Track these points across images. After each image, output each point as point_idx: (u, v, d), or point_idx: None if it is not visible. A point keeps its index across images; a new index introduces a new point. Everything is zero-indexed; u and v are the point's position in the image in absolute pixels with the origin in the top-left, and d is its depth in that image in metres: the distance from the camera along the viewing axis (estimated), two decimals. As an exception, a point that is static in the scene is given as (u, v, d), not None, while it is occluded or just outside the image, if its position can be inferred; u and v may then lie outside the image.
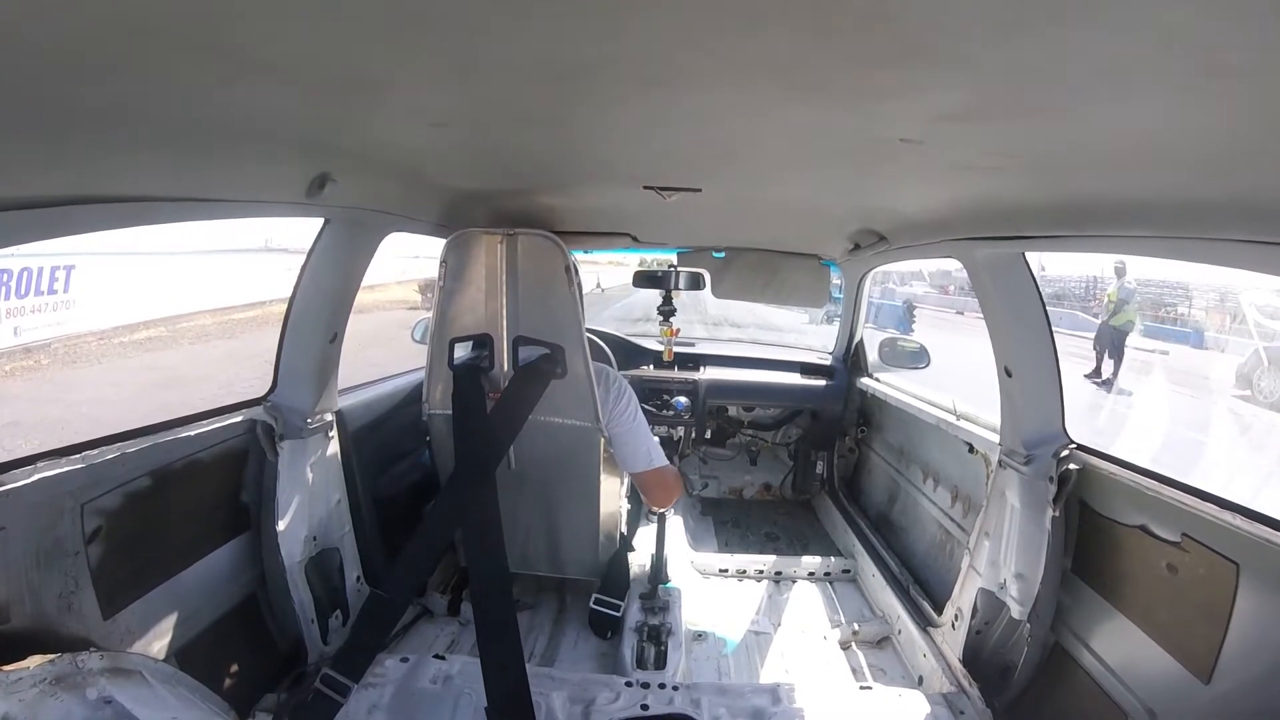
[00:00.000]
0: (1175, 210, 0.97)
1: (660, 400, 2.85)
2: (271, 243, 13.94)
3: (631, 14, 0.52)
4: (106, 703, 0.95)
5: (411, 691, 1.46)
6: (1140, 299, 12.26)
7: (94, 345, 8.48)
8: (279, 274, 12.60)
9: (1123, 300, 9.42)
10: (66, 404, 5.95)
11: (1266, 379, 8.49)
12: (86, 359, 8.00)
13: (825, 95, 0.70)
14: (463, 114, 0.88)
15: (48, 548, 1.06)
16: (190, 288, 10.48)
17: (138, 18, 0.51)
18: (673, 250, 2.87)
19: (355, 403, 1.88)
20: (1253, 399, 8.47)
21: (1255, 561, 1.05)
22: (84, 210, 0.88)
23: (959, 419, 2.02)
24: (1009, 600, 1.51)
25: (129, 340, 8.92)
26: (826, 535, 2.82)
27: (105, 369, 7.65)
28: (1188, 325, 13.82)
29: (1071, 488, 1.44)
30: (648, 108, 0.81)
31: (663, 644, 1.77)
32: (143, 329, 9.33)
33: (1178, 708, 1.16)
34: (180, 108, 0.78)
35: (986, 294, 1.56)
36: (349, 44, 0.60)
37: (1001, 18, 0.48)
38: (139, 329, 9.28)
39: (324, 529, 1.65)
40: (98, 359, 8.08)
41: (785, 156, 1.08)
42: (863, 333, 3.00)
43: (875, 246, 2.13)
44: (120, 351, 8.48)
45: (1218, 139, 0.69)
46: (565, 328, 1.54)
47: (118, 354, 8.38)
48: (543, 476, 1.74)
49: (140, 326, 9.32)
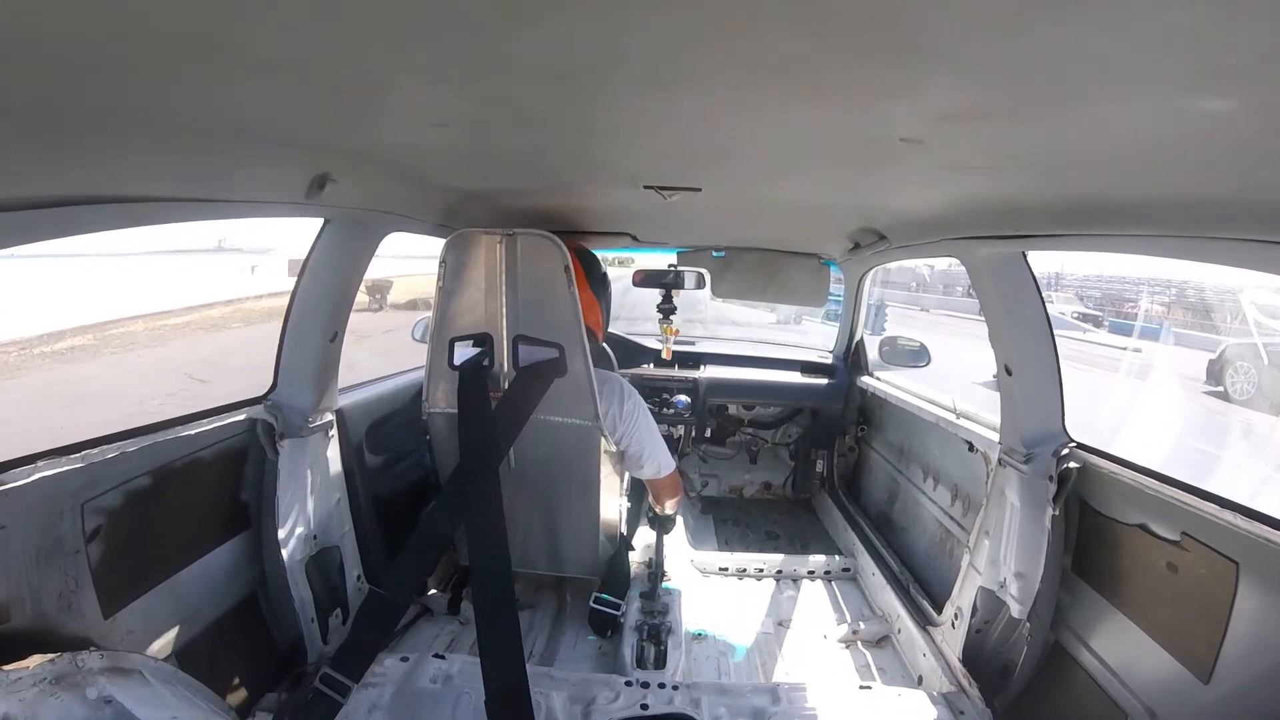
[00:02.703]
0: (1176, 209, 0.97)
1: (660, 399, 2.86)
2: (225, 243, 13.75)
3: (631, 14, 0.52)
4: (106, 702, 0.95)
5: (411, 691, 1.46)
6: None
7: (13, 357, 7.83)
8: (230, 275, 12.08)
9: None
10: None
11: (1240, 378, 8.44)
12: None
13: (825, 95, 0.70)
14: (463, 114, 0.88)
15: (48, 547, 1.06)
16: (130, 291, 10.05)
17: (139, 18, 0.51)
18: (673, 250, 2.87)
19: (355, 402, 1.89)
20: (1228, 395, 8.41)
21: (1255, 561, 1.05)
22: (85, 211, 0.88)
23: (959, 418, 2.02)
24: (1009, 599, 1.51)
25: (50, 351, 8.29)
26: (826, 534, 2.82)
27: (13, 384, 6.99)
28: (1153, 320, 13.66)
29: (1071, 486, 1.44)
30: (648, 108, 0.81)
31: (662, 643, 1.77)
32: (69, 337, 8.75)
33: (1177, 707, 1.16)
34: (181, 108, 0.78)
35: (987, 293, 1.56)
36: (349, 44, 0.60)
37: (1002, 18, 0.48)
38: (65, 337, 8.69)
39: (324, 528, 1.65)
40: (13, 372, 7.44)
41: (785, 156, 1.08)
42: (863, 332, 3.01)
43: (875, 246, 2.13)
44: (39, 363, 7.85)
45: (1218, 139, 0.69)
46: (565, 327, 1.54)
47: (36, 366, 7.73)
48: (542, 475, 1.74)
49: (66, 334, 8.74)
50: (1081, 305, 15.31)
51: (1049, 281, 16.06)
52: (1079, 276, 17.80)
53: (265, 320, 10.49)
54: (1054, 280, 16.47)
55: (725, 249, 2.77)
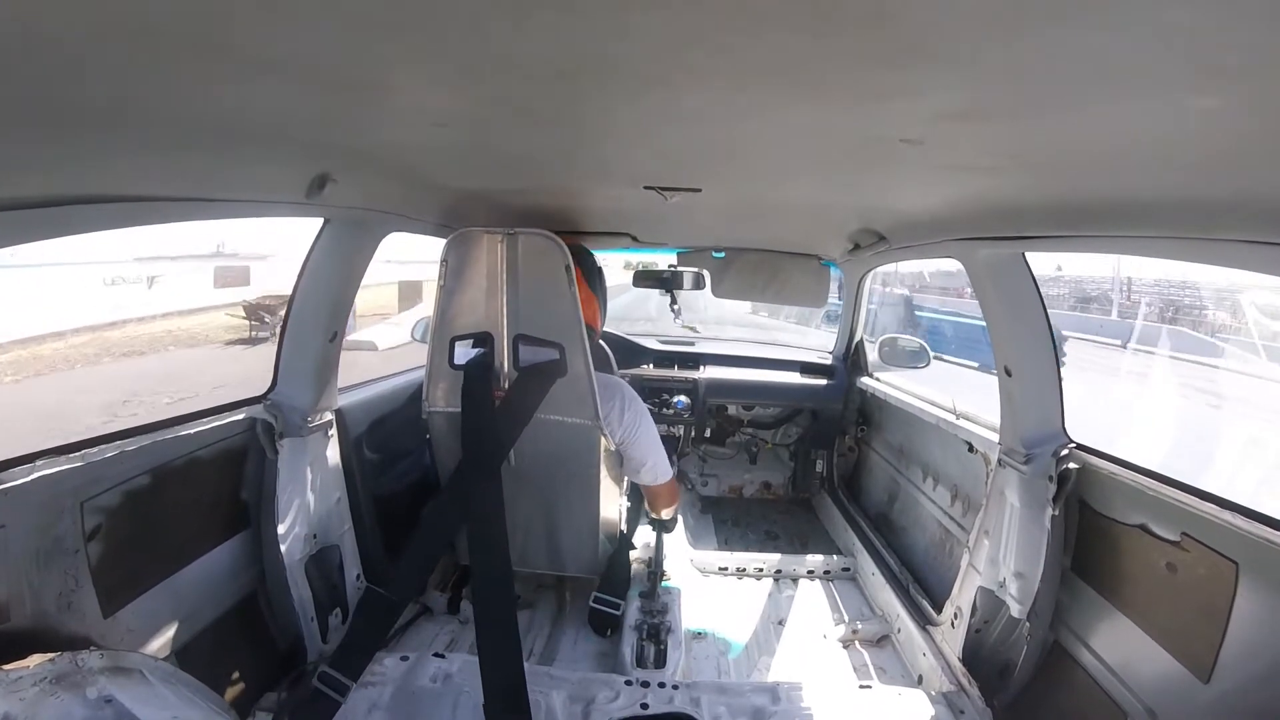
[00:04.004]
0: (1176, 210, 0.97)
1: (660, 399, 2.86)
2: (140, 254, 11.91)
3: (631, 14, 0.52)
4: (106, 701, 0.95)
5: (411, 690, 1.46)
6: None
7: None
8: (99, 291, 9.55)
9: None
10: None
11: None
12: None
13: (825, 95, 0.70)
14: (463, 114, 0.88)
15: (47, 546, 1.06)
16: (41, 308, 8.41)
17: (138, 17, 0.51)
18: (673, 250, 2.87)
19: (355, 401, 1.89)
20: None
21: (1255, 561, 1.05)
22: (85, 210, 0.88)
23: (959, 418, 2.02)
24: (1008, 599, 1.51)
25: None
26: (826, 534, 2.83)
27: None
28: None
29: (1071, 487, 1.44)
30: (648, 108, 0.81)
31: (662, 642, 1.77)
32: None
33: (1177, 707, 1.16)
34: (181, 108, 0.78)
35: (986, 294, 1.56)
36: (349, 44, 0.60)
37: (1002, 18, 0.48)
38: None
39: (324, 527, 1.65)
40: None
41: (785, 156, 1.08)
42: (863, 333, 3.01)
43: (875, 246, 2.13)
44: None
45: (1218, 139, 0.69)
46: (565, 326, 1.54)
47: None
48: (542, 474, 1.74)
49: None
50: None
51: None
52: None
53: (145, 351, 8.29)
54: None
55: (725, 249, 2.78)
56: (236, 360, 8.97)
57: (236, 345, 10.54)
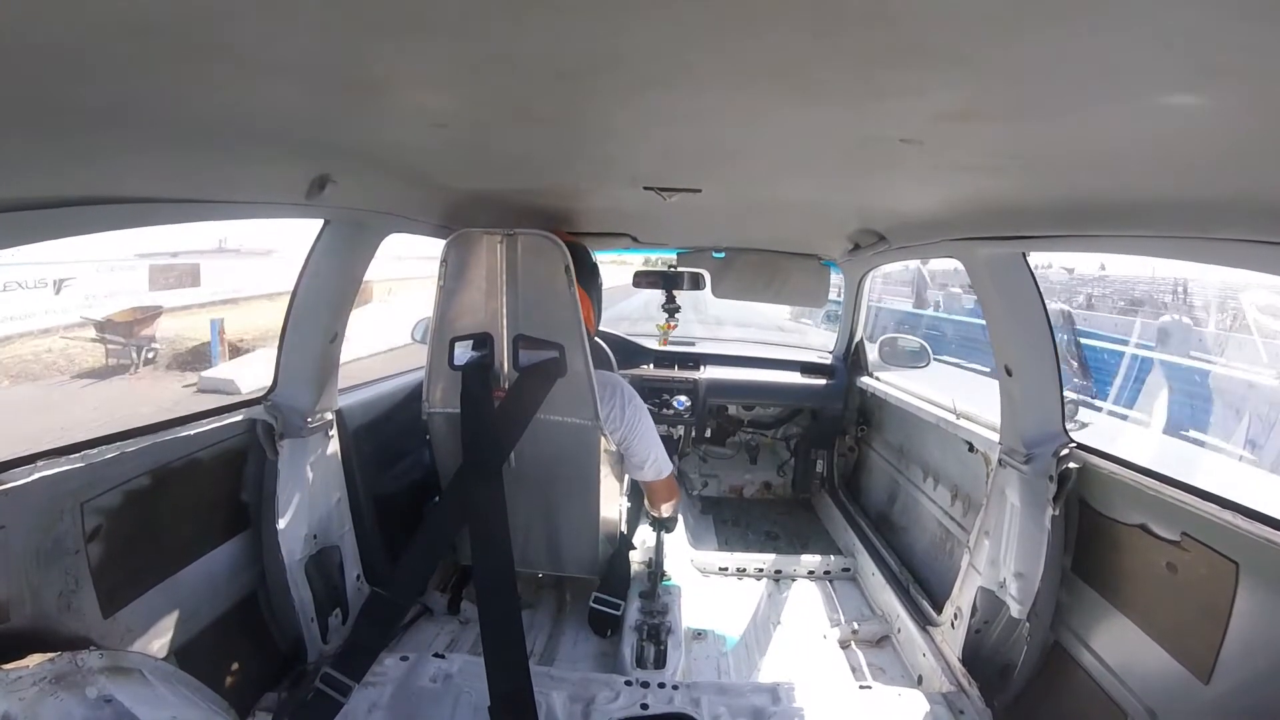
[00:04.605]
0: (1176, 210, 0.97)
1: (660, 399, 2.86)
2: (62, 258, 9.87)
3: (632, 14, 0.52)
4: (106, 701, 0.95)
5: (412, 690, 1.46)
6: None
7: None
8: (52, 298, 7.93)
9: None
10: None
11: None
12: None
13: (825, 95, 0.70)
14: (463, 114, 0.88)
15: (47, 547, 1.06)
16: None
17: (138, 18, 0.51)
18: (673, 250, 2.88)
19: (355, 402, 1.89)
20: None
21: (1255, 561, 1.05)
22: (85, 211, 0.88)
23: (959, 418, 2.02)
24: (1009, 599, 1.51)
25: None
26: (826, 534, 2.82)
27: None
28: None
29: (1071, 487, 1.44)
30: (648, 108, 0.81)
31: (662, 643, 1.77)
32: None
33: (1177, 707, 1.16)
34: (181, 109, 0.78)
35: (987, 294, 1.56)
36: (349, 44, 0.60)
37: (1002, 18, 0.48)
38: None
39: (324, 527, 1.65)
40: None
41: (785, 157, 1.08)
42: (863, 333, 3.01)
43: (875, 246, 2.13)
44: None
45: (1218, 139, 0.69)
46: (565, 327, 1.54)
47: None
48: (542, 475, 1.74)
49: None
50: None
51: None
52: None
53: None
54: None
55: (725, 250, 2.78)
56: (72, 401, 6.23)
57: (83, 378, 7.93)
